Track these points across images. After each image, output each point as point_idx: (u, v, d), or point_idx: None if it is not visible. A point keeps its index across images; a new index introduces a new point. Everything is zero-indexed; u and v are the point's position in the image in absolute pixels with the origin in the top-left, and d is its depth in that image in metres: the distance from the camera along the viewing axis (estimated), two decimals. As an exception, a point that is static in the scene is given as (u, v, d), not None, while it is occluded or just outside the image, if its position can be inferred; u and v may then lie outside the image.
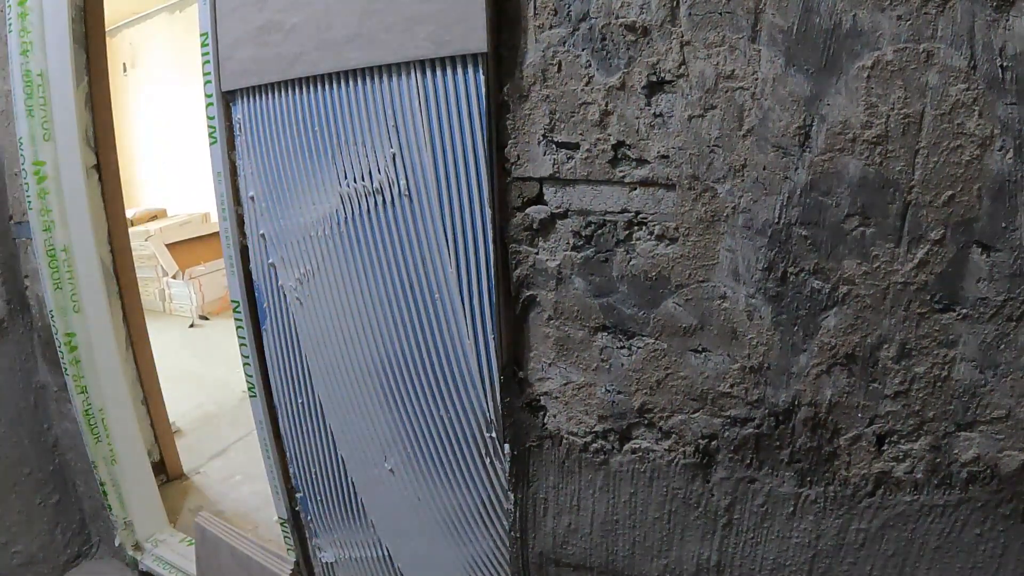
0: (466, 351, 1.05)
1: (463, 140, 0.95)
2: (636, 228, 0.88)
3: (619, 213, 0.89)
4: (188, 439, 2.62)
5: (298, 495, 1.44)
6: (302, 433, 1.36)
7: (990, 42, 0.65)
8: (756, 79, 0.76)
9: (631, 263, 0.90)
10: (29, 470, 1.91)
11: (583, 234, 0.92)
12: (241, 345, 1.36)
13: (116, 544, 1.91)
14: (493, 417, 1.07)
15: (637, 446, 0.98)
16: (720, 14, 0.76)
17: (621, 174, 0.87)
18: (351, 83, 1.02)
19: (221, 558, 1.62)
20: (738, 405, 0.88)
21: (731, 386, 0.88)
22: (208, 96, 1.21)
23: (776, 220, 0.79)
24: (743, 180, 0.80)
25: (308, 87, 1.08)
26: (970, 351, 0.73)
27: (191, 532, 1.78)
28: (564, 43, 0.86)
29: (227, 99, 1.20)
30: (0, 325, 1.84)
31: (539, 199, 0.95)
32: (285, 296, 1.25)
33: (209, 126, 1.23)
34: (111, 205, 1.88)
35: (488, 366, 1.04)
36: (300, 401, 1.32)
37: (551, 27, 0.86)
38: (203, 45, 1.17)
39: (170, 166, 5.63)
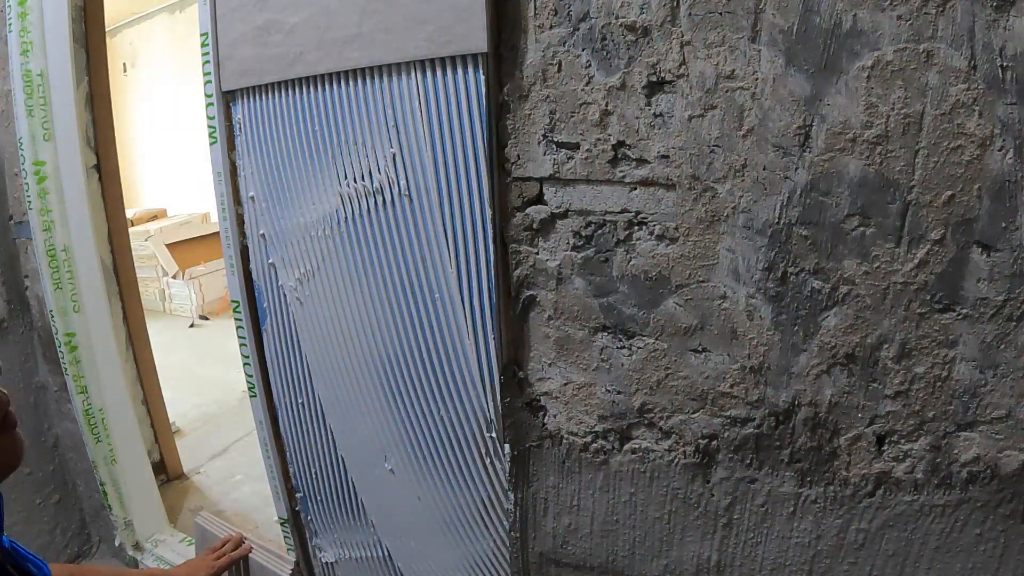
0: (466, 351, 1.05)
1: (463, 140, 0.95)
2: (636, 228, 0.88)
3: (619, 213, 0.89)
4: (188, 439, 2.62)
5: (298, 495, 1.44)
6: (302, 433, 1.36)
7: (990, 42, 0.65)
8: (756, 79, 0.76)
9: (631, 263, 0.90)
10: (29, 470, 1.91)
11: (583, 234, 0.92)
12: (241, 345, 1.36)
13: (116, 544, 1.91)
14: (493, 417, 1.07)
15: (637, 446, 0.98)
16: (720, 14, 0.76)
17: (621, 174, 0.87)
18: (351, 83, 1.02)
19: (221, 558, 1.61)
20: (738, 405, 0.88)
21: (731, 386, 0.88)
22: (208, 96, 1.21)
23: (776, 220, 0.79)
24: (743, 180, 0.80)
25: (308, 87, 1.08)
26: (970, 351, 0.73)
27: (191, 532, 1.78)
28: (564, 43, 0.86)
29: (227, 99, 1.20)
30: (0, 325, 1.84)
31: (539, 199, 0.95)
32: (285, 296, 1.25)
33: (209, 126, 1.23)
34: (111, 205, 1.88)
35: (488, 366, 1.04)
36: (300, 401, 1.32)
37: (551, 27, 0.86)
38: (203, 45, 1.17)
39: (170, 166, 5.63)
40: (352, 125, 1.04)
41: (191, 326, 4.45)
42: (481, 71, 0.91)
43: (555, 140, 0.90)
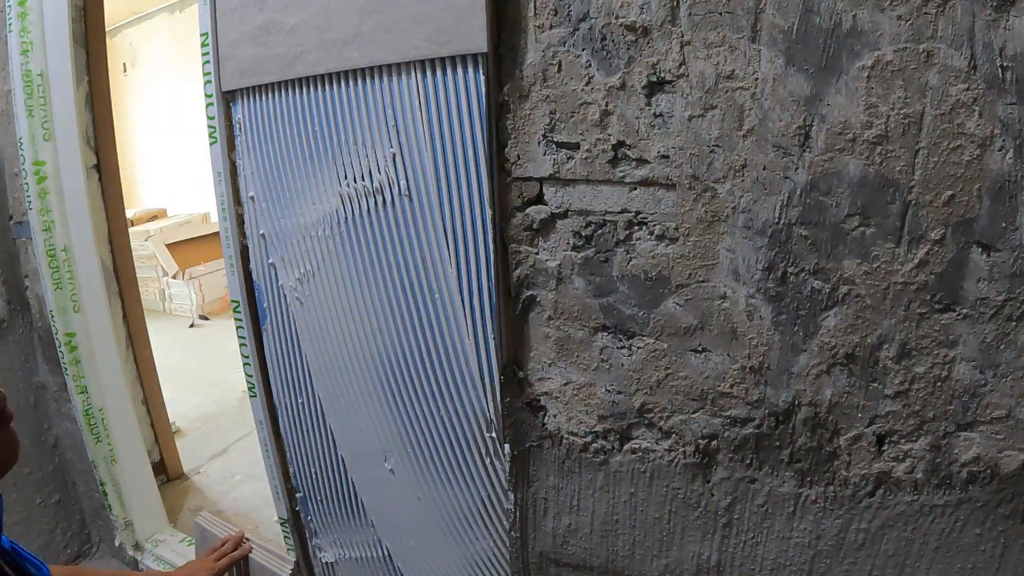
0: (466, 351, 1.05)
1: (463, 140, 0.95)
2: (636, 228, 0.88)
3: (619, 213, 0.89)
4: (188, 439, 2.62)
5: (298, 495, 1.44)
6: (302, 433, 1.36)
7: (990, 42, 0.65)
8: (756, 79, 0.76)
9: (631, 263, 0.90)
10: (29, 470, 1.91)
11: (583, 234, 0.92)
12: (241, 345, 1.36)
13: (116, 544, 1.91)
14: (493, 417, 1.07)
15: (637, 446, 0.98)
16: (720, 14, 0.76)
17: (621, 174, 0.87)
18: (351, 83, 1.02)
19: (221, 558, 1.61)
20: (738, 405, 0.88)
21: (731, 386, 0.88)
22: (208, 96, 1.21)
23: (776, 220, 0.79)
24: (743, 180, 0.80)
25: (308, 87, 1.08)
26: (970, 351, 0.73)
27: (191, 532, 1.78)
28: (564, 43, 0.86)
29: (227, 99, 1.20)
30: (0, 325, 1.84)
31: (539, 199, 0.95)
32: (285, 296, 1.25)
33: (209, 126, 1.23)
34: (111, 205, 1.88)
35: (488, 366, 1.04)
36: (300, 401, 1.32)
37: (551, 27, 0.86)
38: (203, 45, 1.17)
39: (170, 166, 5.63)
40: (352, 125, 1.04)
41: (191, 326, 4.45)
42: (481, 71, 0.91)
43: (555, 140, 0.90)
